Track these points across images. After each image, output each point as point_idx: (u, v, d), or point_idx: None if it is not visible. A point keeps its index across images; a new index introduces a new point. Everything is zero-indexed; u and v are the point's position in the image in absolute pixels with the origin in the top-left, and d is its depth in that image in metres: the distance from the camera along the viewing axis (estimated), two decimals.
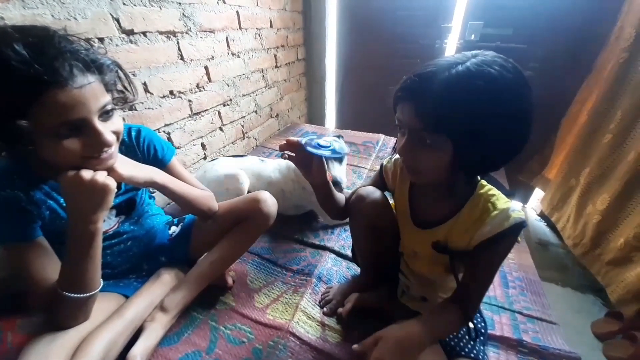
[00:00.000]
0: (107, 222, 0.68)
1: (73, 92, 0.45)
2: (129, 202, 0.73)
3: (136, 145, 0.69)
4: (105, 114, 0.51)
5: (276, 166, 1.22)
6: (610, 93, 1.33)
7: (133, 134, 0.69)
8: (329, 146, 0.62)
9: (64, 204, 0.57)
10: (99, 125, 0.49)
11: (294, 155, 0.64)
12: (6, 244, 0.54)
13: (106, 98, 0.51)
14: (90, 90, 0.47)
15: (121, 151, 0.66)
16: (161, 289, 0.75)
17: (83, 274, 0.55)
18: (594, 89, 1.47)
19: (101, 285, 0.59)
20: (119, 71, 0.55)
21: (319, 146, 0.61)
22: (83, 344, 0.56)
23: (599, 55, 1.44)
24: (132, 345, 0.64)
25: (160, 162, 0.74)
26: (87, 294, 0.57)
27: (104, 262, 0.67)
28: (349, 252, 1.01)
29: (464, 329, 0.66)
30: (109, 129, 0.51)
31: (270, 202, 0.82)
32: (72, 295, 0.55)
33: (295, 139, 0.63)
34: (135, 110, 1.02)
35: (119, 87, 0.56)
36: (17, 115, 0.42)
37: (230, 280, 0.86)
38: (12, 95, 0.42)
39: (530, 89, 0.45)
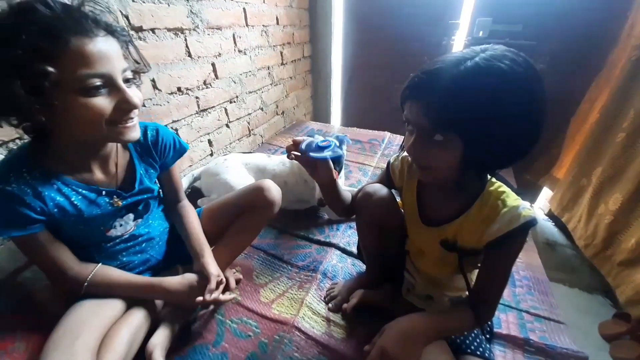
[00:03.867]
0: (123, 226, 0.68)
1: (99, 45, 0.47)
2: (145, 206, 0.73)
3: (152, 147, 0.70)
4: (127, 82, 0.52)
5: (280, 160, 1.24)
6: (622, 91, 1.30)
7: (150, 133, 0.69)
8: (329, 145, 0.62)
9: (75, 201, 0.58)
10: (124, 85, 0.50)
11: (300, 155, 0.64)
12: (12, 237, 0.55)
13: (125, 63, 0.52)
14: (113, 49, 0.49)
15: (138, 153, 0.68)
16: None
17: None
18: (604, 87, 1.44)
19: None
20: (130, 42, 0.56)
21: (320, 148, 0.61)
22: (106, 340, 0.57)
23: (610, 52, 1.41)
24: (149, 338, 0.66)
25: (165, 166, 0.75)
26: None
27: (120, 262, 0.69)
28: (354, 249, 1.01)
29: None
30: (133, 93, 0.52)
31: (273, 190, 0.83)
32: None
33: (300, 138, 0.63)
34: (144, 106, 1.04)
35: (131, 61, 0.57)
36: (44, 61, 0.43)
37: (233, 282, 0.84)
38: (41, 41, 0.43)
39: (542, 84, 0.44)
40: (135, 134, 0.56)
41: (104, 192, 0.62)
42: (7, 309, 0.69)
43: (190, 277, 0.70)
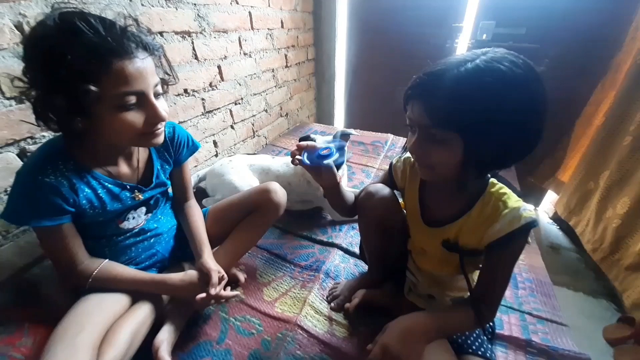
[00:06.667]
0: (136, 219, 0.70)
1: (137, 65, 0.51)
2: (156, 201, 0.75)
3: (170, 143, 0.74)
4: (156, 95, 0.56)
5: (284, 161, 1.26)
6: (628, 95, 1.30)
7: (167, 131, 0.72)
8: (331, 153, 0.63)
9: (101, 194, 0.61)
10: (155, 100, 0.55)
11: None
12: (40, 226, 0.56)
13: (157, 78, 0.56)
14: (149, 67, 0.53)
15: (155, 149, 0.72)
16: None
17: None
18: (609, 90, 1.43)
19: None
20: (163, 57, 0.60)
21: (321, 157, 0.62)
22: (108, 335, 0.58)
23: (614, 56, 1.40)
24: (154, 334, 0.67)
25: (177, 162, 0.78)
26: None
27: (129, 257, 0.71)
28: (356, 249, 1.02)
29: None
30: (162, 107, 0.57)
31: (280, 192, 0.85)
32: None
33: (304, 143, 0.64)
34: None
35: (161, 74, 0.60)
36: (88, 80, 0.47)
37: (241, 277, 0.88)
38: (85, 62, 0.46)
39: (542, 85, 0.45)
40: (159, 140, 0.60)
41: (128, 187, 0.65)
42: (15, 304, 0.71)
43: (192, 274, 0.72)
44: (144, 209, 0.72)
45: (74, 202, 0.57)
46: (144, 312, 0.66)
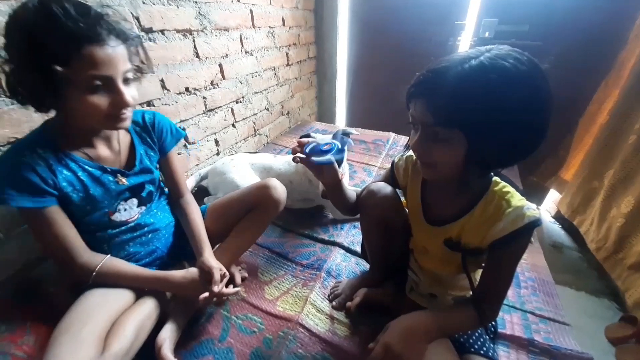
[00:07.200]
0: (128, 211, 0.71)
1: (108, 51, 0.53)
2: (149, 194, 0.75)
3: (151, 128, 0.76)
4: (126, 81, 0.58)
5: (286, 160, 1.26)
6: (632, 93, 1.29)
7: (147, 117, 0.76)
8: (332, 148, 0.62)
9: (81, 177, 0.62)
10: (122, 86, 0.57)
11: (305, 158, 0.65)
12: (22, 207, 0.56)
13: (128, 65, 0.58)
14: (120, 54, 0.55)
15: (137, 132, 0.74)
16: None
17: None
18: (613, 88, 1.42)
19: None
20: (140, 46, 0.62)
21: (322, 152, 0.62)
22: (114, 328, 0.59)
23: (618, 53, 1.39)
24: (156, 333, 0.67)
25: (163, 150, 0.79)
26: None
27: (127, 253, 0.71)
28: (358, 248, 1.02)
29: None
30: (129, 93, 0.58)
31: (279, 188, 0.85)
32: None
33: (305, 140, 0.64)
34: (153, 105, 1.06)
35: (136, 61, 0.62)
36: (58, 62, 0.49)
37: (238, 278, 0.87)
38: (57, 45, 0.49)
39: (547, 82, 0.44)
40: (125, 124, 0.61)
41: (109, 170, 0.66)
42: (17, 302, 0.71)
43: (193, 271, 0.72)
44: (135, 200, 0.72)
45: (53, 183, 0.58)
46: (149, 307, 0.67)
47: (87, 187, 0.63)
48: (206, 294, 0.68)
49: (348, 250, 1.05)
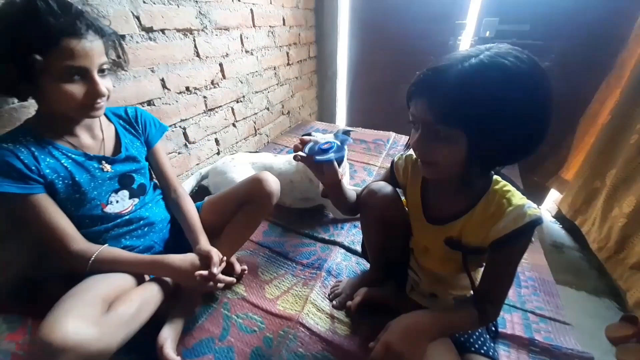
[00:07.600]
0: (120, 203, 0.73)
1: (85, 45, 0.56)
2: (140, 186, 0.77)
3: (134, 121, 0.79)
4: (101, 72, 0.61)
5: (286, 159, 1.25)
6: (633, 92, 1.28)
7: (130, 111, 0.79)
8: (332, 147, 0.63)
9: (65, 163, 0.63)
10: (97, 77, 0.60)
11: (305, 157, 0.65)
12: (7, 193, 0.56)
13: (104, 59, 0.62)
14: (97, 47, 0.59)
15: (121, 125, 0.76)
16: None
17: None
18: (614, 87, 1.42)
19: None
20: (117, 41, 0.66)
21: (322, 151, 0.62)
22: (120, 296, 0.60)
23: (619, 53, 1.39)
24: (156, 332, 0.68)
25: (149, 143, 0.80)
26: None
27: (123, 246, 0.72)
28: (358, 248, 1.02)
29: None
30: (103, 84, 0.61)
31: (271, 181, 0.85)
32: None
33: (306, 137, 0.64)
34: (154, 105, 1.06)
35: (113, 56, 0.67)
36: (36, 51, 0.52)
37: (238, 267, 0.88)
38: (39, 37, 0.52)
39: (547, 79, 0.44)
40: (99, 112, 0.64)
41: (92, 156, 0.68)
42: (19, 302, 0.72)
43: (192, 256, 0.73)
44: (126, 192, 0.73)
45: (37, 170, 0.59)
46: (152, 289, 0.68)
47: (72, 174, 0.64)
48: (204, 272, 0.68)
49: (348, 249, 1.05)
